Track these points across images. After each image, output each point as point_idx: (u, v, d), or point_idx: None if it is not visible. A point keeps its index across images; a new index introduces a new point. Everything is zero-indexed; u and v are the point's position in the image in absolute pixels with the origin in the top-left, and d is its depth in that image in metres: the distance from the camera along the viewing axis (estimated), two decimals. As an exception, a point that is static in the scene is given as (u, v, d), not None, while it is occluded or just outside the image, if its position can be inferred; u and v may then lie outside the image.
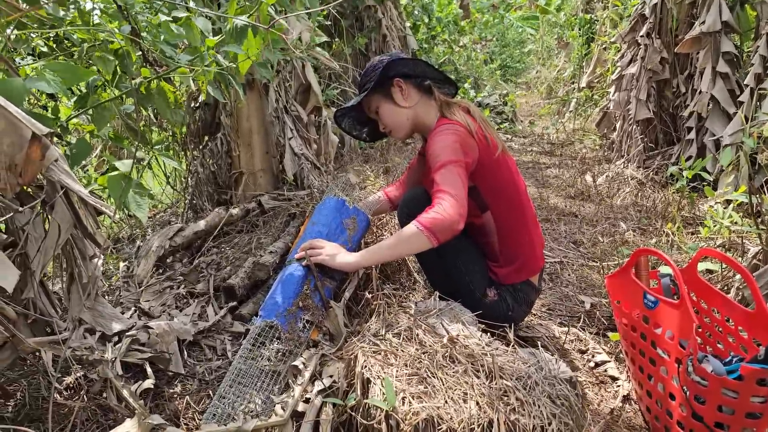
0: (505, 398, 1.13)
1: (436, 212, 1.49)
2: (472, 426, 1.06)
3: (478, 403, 1.10)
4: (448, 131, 1.64)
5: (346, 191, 2.04)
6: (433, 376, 1.16)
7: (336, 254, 1.61)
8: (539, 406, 1.13)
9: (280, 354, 1.49)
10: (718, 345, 1.62)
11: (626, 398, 1.80)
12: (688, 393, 1.37)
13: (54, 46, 1.87)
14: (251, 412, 1.35)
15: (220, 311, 2.07)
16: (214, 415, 1.35)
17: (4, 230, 1.35)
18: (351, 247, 1.78)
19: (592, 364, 1.98)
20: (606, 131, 5.30)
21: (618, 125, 4.89)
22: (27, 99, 1.88)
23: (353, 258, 1.59)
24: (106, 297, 2.10)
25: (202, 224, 2.68)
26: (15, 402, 1.51)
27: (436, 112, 1.81)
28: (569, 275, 2.70)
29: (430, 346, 1.26)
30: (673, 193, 3.68)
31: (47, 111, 1.76)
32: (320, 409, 1.29)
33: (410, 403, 1.08)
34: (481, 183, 1.76)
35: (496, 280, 1.88)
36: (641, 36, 4.40)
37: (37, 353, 1.36)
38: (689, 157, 3.93)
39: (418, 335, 1.30)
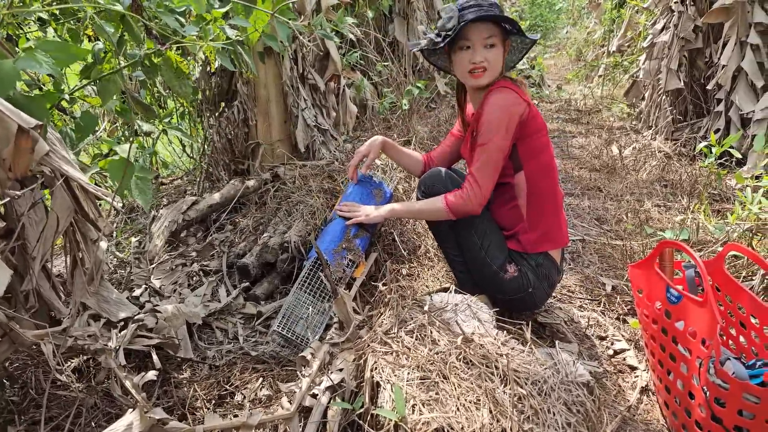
0: (520, 405, 1.08)
1: (462, 197, 1.69)
2: (484, 435, 1.02)
3: (491, 411, 1.05)
4: (510, 95, 1.66)
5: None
6: (446, 380, 1.11)
7: (370, 213, 1.95)
8: (554, 414, 1.08)
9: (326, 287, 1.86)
10: (741, 341, 1.55)
11: (644, 389, 1.74)
12: (708, 394, 1.31)
13: (57, 12, 1.79)
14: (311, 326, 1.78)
15: (233, 291, 2.03)
16: (282, 326, 1.74)
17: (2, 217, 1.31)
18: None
19: (611, 352, 1.92)
20: (635, 100, 5.09)
21: (647, 95, 4.68)
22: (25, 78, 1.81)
23: (385, 210, 1.92)
24: (117, 272, 2.08)
25: (216, 197, 2.64)
26: (21, 385, 1.50)
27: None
28: (591, 255, 2.61)
29: (444, 345, 1.21)
30: (701, 167, 3.53)
31: (50, 88, 1.69)
32: (327, 406, 1.26)
33: (420, 411, 1.03)
34: (521, 143, 1.75)
35: (520, 249, 1.83)
36: (675, 2, 4.16)
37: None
38: (717, 130, 3.76)
39: (431, 333, 1.24)
